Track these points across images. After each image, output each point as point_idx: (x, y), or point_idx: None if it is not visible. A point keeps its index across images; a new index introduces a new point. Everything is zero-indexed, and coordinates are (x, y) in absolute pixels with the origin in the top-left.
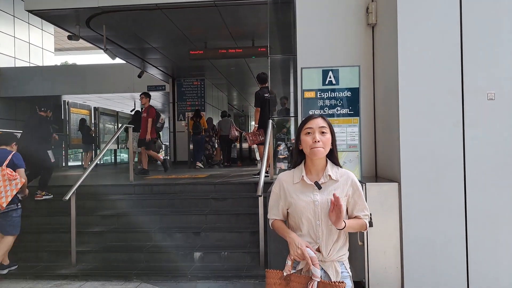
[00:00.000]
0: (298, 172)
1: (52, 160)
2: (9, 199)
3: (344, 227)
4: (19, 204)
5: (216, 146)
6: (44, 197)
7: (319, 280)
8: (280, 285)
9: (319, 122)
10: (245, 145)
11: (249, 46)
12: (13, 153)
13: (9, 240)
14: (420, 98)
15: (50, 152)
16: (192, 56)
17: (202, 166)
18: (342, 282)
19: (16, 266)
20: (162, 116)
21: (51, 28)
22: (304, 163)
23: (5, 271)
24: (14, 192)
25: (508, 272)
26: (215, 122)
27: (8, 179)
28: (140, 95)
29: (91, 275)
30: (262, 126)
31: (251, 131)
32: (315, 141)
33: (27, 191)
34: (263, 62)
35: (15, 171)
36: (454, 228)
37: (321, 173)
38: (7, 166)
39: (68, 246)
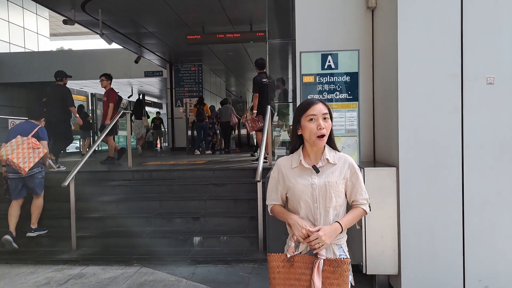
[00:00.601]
0: (296, 156)
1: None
2: (32, 165)
3: (342, 229)
4: (42, 167)
5: (218, 132)
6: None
7: (324, 258)
8: (284, 267)
9: (322, 108)
10: (243, 132)
11: (247, 30)
12: (39, 126)
13: (39, 201)
14: (419, 82)
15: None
16: (190, 41)
17: (218, 148)
18: (347, 258)
19: (46, 231)
20: (124, 100)
21: (46, 12)
22: (302, 148)
23: (35, 234)
24: (36, 160)
25: (504, 257)
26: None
27: (32, 147)
28: (100, 77)
29: (92, 260)
30: (261, 111)
31: (250, 117)
32: (320, 128)
33: (48, 162)
34: (261, 47)
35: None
36: (451, 213)
37: (319, 158)
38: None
39: (68, 231)
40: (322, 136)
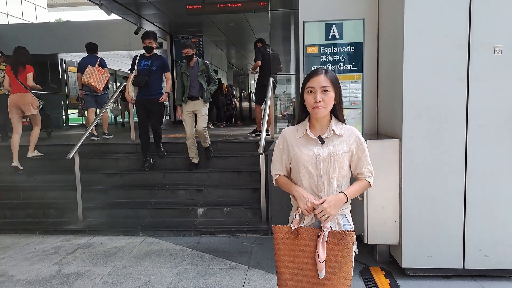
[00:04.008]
0: (302, 127)
1: None
2: (103, 86)
3: (347, 199)
4: (107, 89)
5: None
6: None
7: (329, 230)
8: (288, 239)
9: (322, 81)
10: (245, 105)
11: (248, 0)
12: (100, 57)
13: (106, 113)
14: (425, 52)
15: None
16: (190, 11)
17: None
18: (352, 231)
19: (111, 136)
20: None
21: None
22: (309, 119)
23: (107, 137)
24: (104, 83)
25: (504, 228)
26: None
27: (100, 73)
28: None
29: (99, 230)
30: (263, 81)
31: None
32: (316, 101)
33: None
34: (263, 18)
35: None
36: (453, 183)
37: (325, 129)
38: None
39: (74, 203)
40: (319, 107)
